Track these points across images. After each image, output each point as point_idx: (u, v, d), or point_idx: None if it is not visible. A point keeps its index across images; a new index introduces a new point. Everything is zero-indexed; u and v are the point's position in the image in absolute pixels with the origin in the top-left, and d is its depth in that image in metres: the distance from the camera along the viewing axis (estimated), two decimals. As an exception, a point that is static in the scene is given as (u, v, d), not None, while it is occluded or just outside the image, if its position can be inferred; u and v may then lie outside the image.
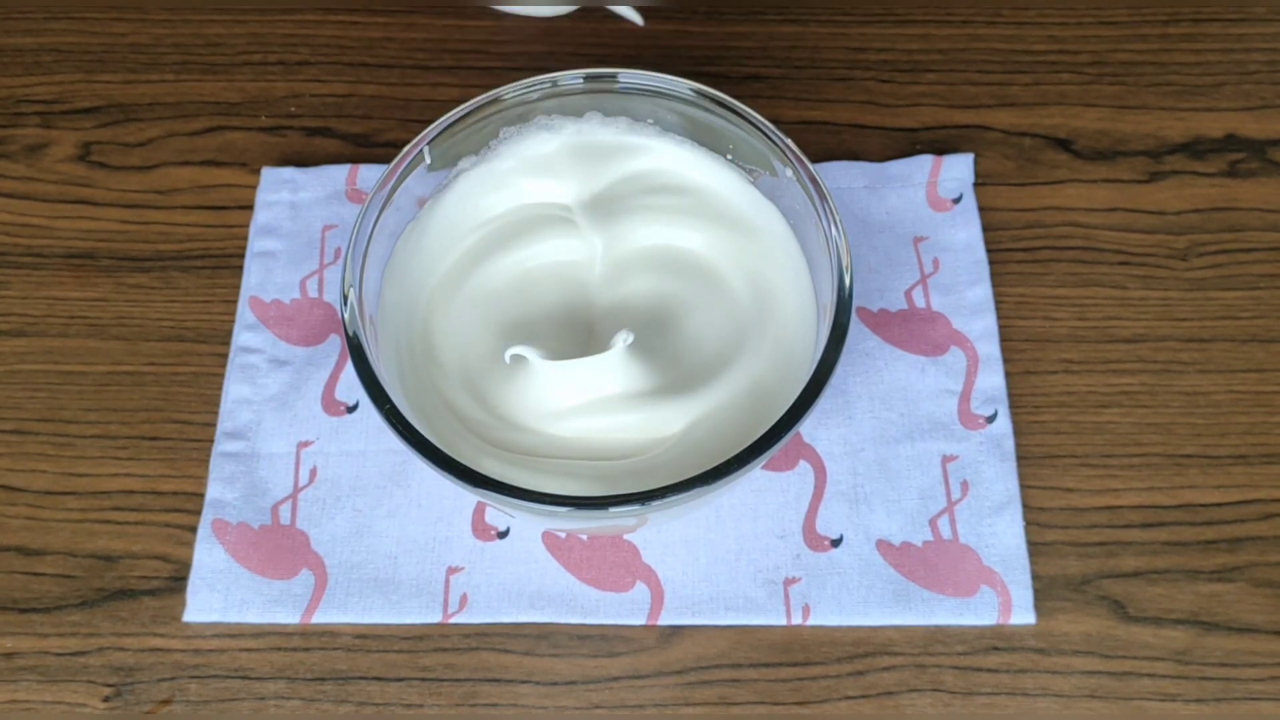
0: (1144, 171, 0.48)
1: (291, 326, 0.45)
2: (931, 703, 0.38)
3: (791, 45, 0.52)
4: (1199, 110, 0.49)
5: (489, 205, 0.41)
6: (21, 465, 0.43)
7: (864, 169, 0.48)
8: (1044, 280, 0.45)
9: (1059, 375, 0.44)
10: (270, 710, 0.39)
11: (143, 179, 0.49)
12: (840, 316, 0.35)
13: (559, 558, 0.41)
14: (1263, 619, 0.39)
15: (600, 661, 0.39)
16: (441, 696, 0.39)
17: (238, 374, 0.44)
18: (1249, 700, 0.38)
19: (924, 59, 0.51)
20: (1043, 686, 0.39)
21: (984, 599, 0.39)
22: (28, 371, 0.45)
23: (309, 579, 0.41)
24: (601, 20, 0.53)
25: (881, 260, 0.46)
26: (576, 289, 0.40)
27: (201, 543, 0.41)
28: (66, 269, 0.47)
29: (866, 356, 0.44)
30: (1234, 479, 0.42)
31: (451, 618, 0.40)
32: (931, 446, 0.42)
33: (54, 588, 0.41)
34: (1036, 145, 0.49)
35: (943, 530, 0.41)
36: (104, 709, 0.39)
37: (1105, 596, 0.40)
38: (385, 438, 0.43)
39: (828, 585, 0.40)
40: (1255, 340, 0.44)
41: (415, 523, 0.41)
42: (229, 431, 0.43)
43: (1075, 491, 0.42)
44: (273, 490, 0.42)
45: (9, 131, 0.50)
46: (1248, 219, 0.47)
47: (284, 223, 0.47)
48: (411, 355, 0.39)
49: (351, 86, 0.51)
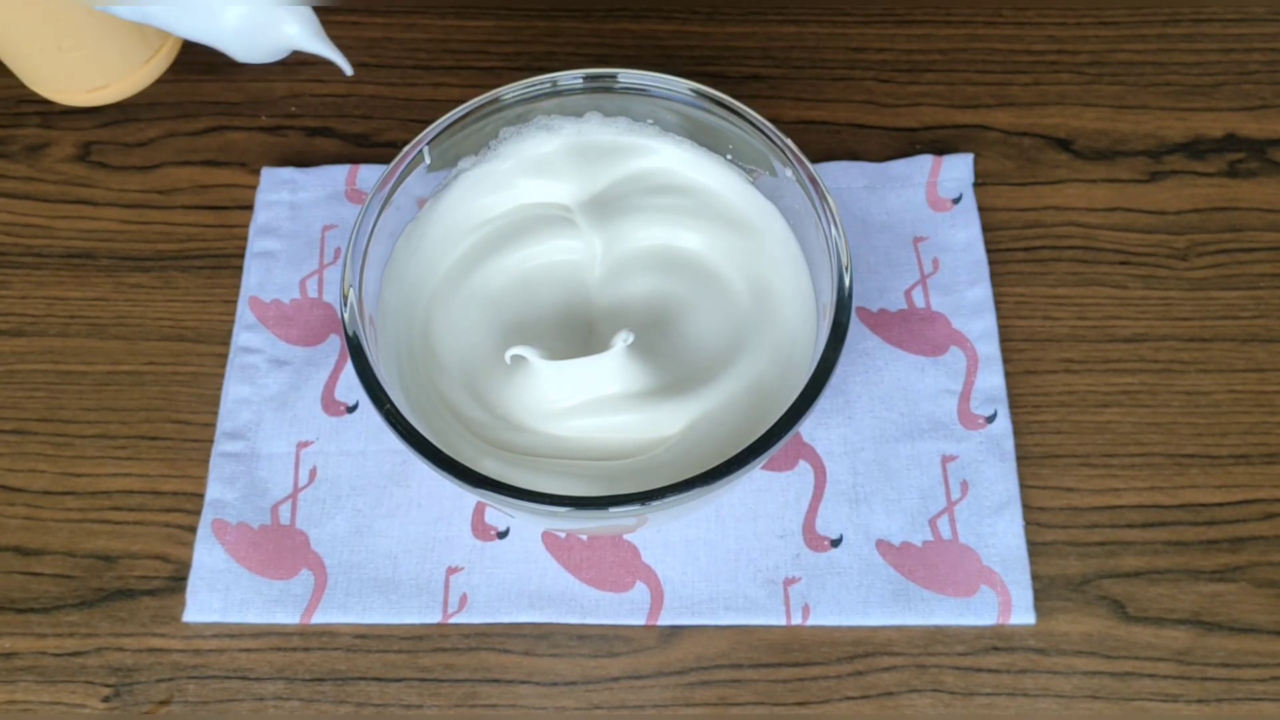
0: (1144, 171, 0.48)
1: (291, 326, 0.45)
2: (932, 703, 0.38)
3: (791, 45, 0.52)
4: (1199, 110, 0.49)
5: (489, 205, 0.41)
6: (21, 465, 0.43)
7: (864, 169, 0.48)
8: (1044, 280, 0.45)
9: (1059, 375, 0.44)
10: (269, 710, 0.39)
11: (143, 179, 0.49)
12: (840, 316, 0.35)
13: (559, 558, 0.41)
14: (1265, 619, 0.39)
15: (600, 661, 0.39)
16: (441, 697, 0.39)
17: (237, 374, 0.44)
18: (1251, 701, 0.38)
19: (924, 59, 0.51)
20: (1043, 687, 0.38)
21: (984, 599, 0.39)
22: (27, 371, 0.45)
23: (309, 579, 0.40)
24: (601, 20, 0.53)
25: (881, 260, 0.46)
26: (576, 289, 0.40)
27: (201, 543, 0.41)
28: (66, 269, 0.47)
29: (866, 356, 0.44)
30: (1235, 479, 0.41)
31: (451, 618, 0.40)
32: (931, 446, 0.42)
33: (53, 588, 0.41)
34: (1036, 145, 0.49)
35: (943, 530, 0.41)
36: (103, 709, 0.39)
37: (1106, 596, 0.40)
38: (385, 438, 0.43)
39: (828, 585, 0.40)
40: (1256, 340, 0.44)
41: (415, 523, 0.41)
42: (229, 431, 0.43)
43: (1075, 491, 0.41)
44: (272, 490, 0.42)
45: (9, 131, 0.50)
46: (1248, 219, 0.47)
47: (284, 223, 0.47)
48: (411, 355, 0.39)
49: (351, 86, 0.51)
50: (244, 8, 0.29)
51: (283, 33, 0.30)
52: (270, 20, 0.30)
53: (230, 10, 0.29)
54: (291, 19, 0.30)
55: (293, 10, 0.29)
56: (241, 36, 0.30)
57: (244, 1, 0.29)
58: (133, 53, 0.43)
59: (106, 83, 0.43)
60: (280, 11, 0.29)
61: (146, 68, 0.43)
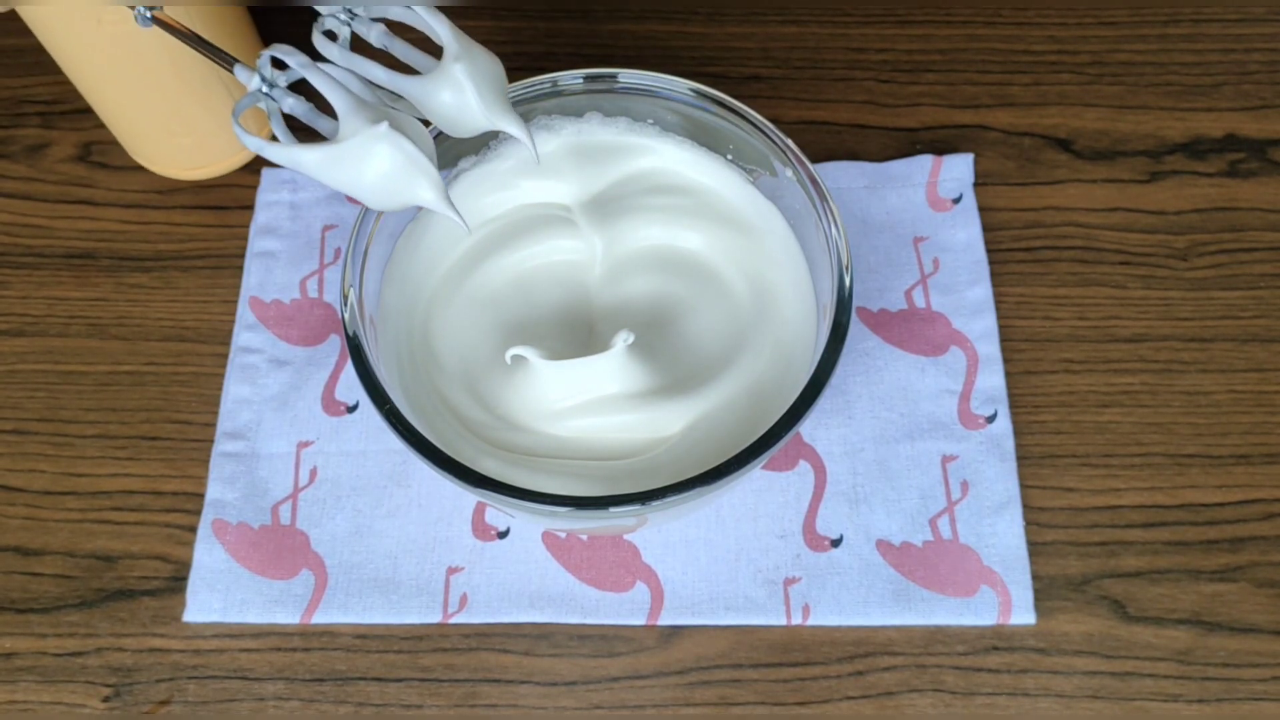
0: (1144, 171, 0.48)
1: (291, 326, 0.45)
2: (932, 703, 0.38)
3: (791, 46, 0.52)
4: (1199, 110, 0.49)
5: (489, 205, 0.41)
6: (21, 465, 0.43)
7: (864, 169, 0.48)
8: (1044, 280, 0.45)
9: (1059, 375, 0.44)
10: (269, 711, 0.39)
11: (143, 179, 0.49)
12: (840, 316, 0.35)
13: (559, 558, 0.41)
14: (1265, 619, 0.39)
15: (600, 661, 0.39)
16: (441, 697, 0.39)
17: (238, 374, 0.44)
18: (1251, 701, 0.38)
19: (924, 59, 0.51)
20: (1044, 687, 0.38)
21: (984, 599, 0.39)
22: (27, 371, 0.45)
23: (309, 579, 0.40)
24: (602, 21, 0.53)
25: (881, 260, 0.46)
26: (576, 289, 0.40)
27: (201, 543, 0.41)
28: (66, 269, 0.47)
29: (866, 356, 0.44)
30: (1235, 479, 0.41)
31: (451, 618, 0.40)
32: (931, 446, 0.42)
33: (53, 588, 0.41)
34: (1036, 145, 0.49)
35: (943, 530, 0.40)
36: (103, 709, 0.39)
37: (1106, 596, 0.40)
38: (385, 438, 0.43)
39: (828, 585, 0.40)
40: (1256, 340, 0.44)
41: (415, 523, 0.41)
42: (229, 431, 0.43)
43: (1076, 491, 0.41)
44: (273, 490, 0.42)
45: (9, 131, 0.50)
46: (1248, 219, 0.47)
47: (284, 223, 0.47)
48: (411, 355, 0.39)
49: (351, 87, 0.51)
50: (386, 167, 0.32)
51: (415, 194, 0.33)
52: (408, 183, 0.33)
53: (371, 169, 0.32)
54: (427, 184, 0.33)
55: (428, 175, 0.33)
56: (377, 192, 0.33)
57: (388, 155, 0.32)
58: (233, 142, 0.47)
59: (206, 164, 0.48)
60: (418, 177, 0.33)
61: (241, 154, 0.48)
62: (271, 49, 0.33)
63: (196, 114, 0.45)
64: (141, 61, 0.42)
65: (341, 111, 0.32)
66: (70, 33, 0.41)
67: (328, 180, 0.33)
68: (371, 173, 0.32)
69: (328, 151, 0.32)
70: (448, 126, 0.35)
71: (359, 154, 0.32)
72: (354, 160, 0.32)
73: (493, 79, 0.35)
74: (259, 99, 0.33)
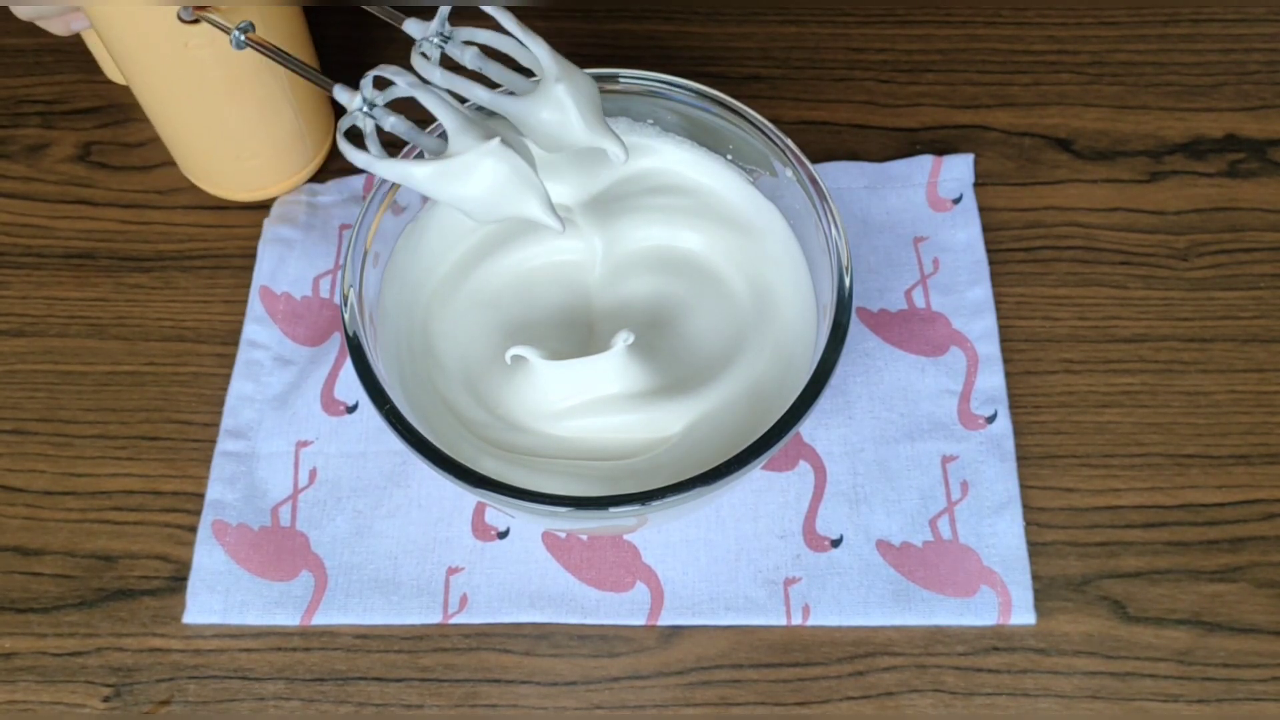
0: (1144, 171, 0.48)
1: (299, 325, 0.45)
2: (932, 703, 0.38)
3: (791, 46, 0.52)
4: (1199, 110, 0.49)
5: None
6: (21, 465, 0.43)
7: (864, 169, 0.48)
8: (1044, 280, 0.45)
9: (1059, 375, 0.44)
10: (269, 711, 0.39)
11: (143, 179, 0.49)
12: (840, 316, 0.35)
13: (559, 558, 0.41)
14: (1265, 619, 0.39)
15: (600, 662, 0.39)
16: (441, 697, 0.39)
17: (243, 370, 0.44)
18: (1252, 701, 0.38)
19: (924, 59, 0.51)
20: (1044, 687, 0.38)
21: (984, 599, 0.39)
22: (27, 371, 0.45)
23: (309, 580, 0.40)
24: (601, 20, 0.53)
25: (881, 260, 0.46)
26: (576, 289, 0.40)
27: (201, 544, 0.41)
28: (66, 269, 0.47)
29: (866, 356, 0.44)
30: (1236, 479, 0.41)
31: (451, 618, 0.40)
32: (931, 447, 0.42)
33: (53, 588, 0.41)
34: (1036, 145, 0.49)
35: (943, 530, 0.40)
36: (103, 709, 0.39)
37: (1106, 597, 0.40)
38: (385, 438, 0.43)
39: (828, 585, 0.40)
40: (1256, 340, 0.44)
41: (415, 523, 0.41)
42: (231, 429, 0.43)
43: (1075, 491, 0.41)
44: (272, 491, 0.42)
45: (9, 131, 0.50)
46: (1248, 219, 0.47)
47: (301, 215, 0.47)
48: (411, 355, 0.39)
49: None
50: (496, 180, 0.34)
51: (523, 206, 0.34)
52: (518, 196, 0.34)
53: (481, 183, 0.34)
54: (534, 198, 0.34)
55: (535, 189, 0.34)
56: (485, 204, 0.34)
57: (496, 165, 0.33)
58: (296, 162, 0.47)
59: (268, 185, 0.48)
60: (527, 190, 0.34)
61: (303, 173, 0.48)
62: (378, 69, 0.34)
63: (266, 136, 0.45)
64: (223, 84, 0.42)
65: (451, 129, 0.34)
66: (155, 55, 0.41)
67: (436, 193, 0.34)
68: (482, 186, 0.34)
69: (439, 166, 0.34)
70: (546, 144, 0.36)
71: (470, 169, 0.33)
72: (465, 175, 0.34)
73: (591, 99, 0.36)
74: (358, 118, 0.35)
